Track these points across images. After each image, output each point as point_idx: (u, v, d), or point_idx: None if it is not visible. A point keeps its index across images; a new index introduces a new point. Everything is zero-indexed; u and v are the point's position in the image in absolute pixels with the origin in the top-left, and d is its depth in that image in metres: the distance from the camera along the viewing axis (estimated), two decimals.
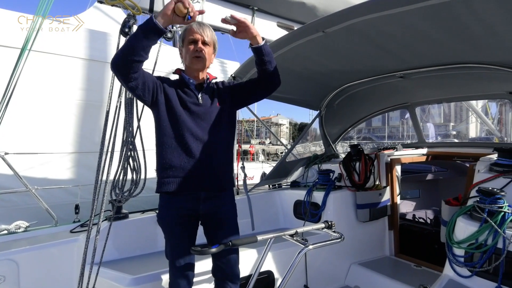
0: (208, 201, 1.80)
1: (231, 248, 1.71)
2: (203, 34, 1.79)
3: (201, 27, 1.80)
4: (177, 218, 1.79)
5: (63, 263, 2.24)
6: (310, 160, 3.75)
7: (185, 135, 1.75)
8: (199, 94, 1.83)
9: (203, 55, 1.79)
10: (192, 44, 1.79)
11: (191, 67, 1.83)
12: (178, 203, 1.78)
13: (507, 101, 3.72)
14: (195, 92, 1.83)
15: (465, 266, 1.79)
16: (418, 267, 2.96)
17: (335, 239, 1.90)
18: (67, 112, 4.37)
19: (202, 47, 1.79)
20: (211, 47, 1.85)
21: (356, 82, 3.15)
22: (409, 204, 4.58)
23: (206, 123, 1.80)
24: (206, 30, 1.81)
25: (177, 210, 1.79)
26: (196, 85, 1.86)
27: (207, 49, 1.82)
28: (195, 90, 1.84)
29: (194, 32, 1.78)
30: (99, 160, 1.87)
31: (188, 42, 1.80)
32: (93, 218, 1.88)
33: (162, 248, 2.58)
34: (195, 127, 1.77)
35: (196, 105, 1.81)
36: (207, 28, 1.83)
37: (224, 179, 1.87)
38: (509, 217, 1.72)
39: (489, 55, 2.23)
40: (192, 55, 1.79)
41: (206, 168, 1.76)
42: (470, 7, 1.64)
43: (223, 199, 1.87)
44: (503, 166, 2.11)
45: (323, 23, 2.10)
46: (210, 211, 1.82)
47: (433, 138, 8.83)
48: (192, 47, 1.78)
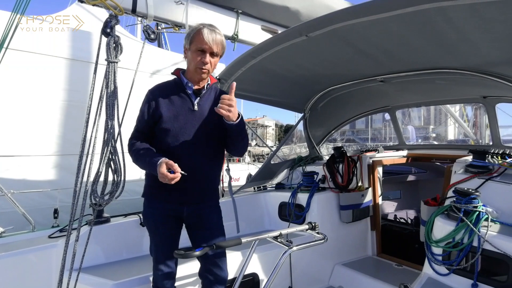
0: (192, 205, 1.80)
1: (218, 250, 1.71)
2: (213, 45, 1.69)
3: (211, 35, 1.68)
4: (161, 218, 1.80)
5: (41, 270, 2.17)
6: (295, 162, 3.78)
7: (172, 146, 1.72)
8: (196, 100, 1.78)
9: (209, 68, 1.73)
10: (199, 54, 1.70)
11: (194, 74, 1.77)
12: (163, 204, 1.79)
13: (481, 105, 3.88)
14: (191, 98, 1.78)
15: (443, 264, 1.84)
16: (399, 266, 3.03)
17: (319, 240, 1.92)
18: (46, 112, 4.25)
19: (210, 59, 1.71)
20: (218, 57, 1.78)
21: (339, 85, 3.20)
22: (391, 204, 4.69)
23: (198, 132, 1.75)
24: (217, 39, 1.71)
25: (162, 211, 1.79)
26: (195, 90, 1.80)
27: (214, 60, 1.75)
28: (192, 95, 1.78)
29: (204, 41, 1.68)
30: (79, 163, 1.82)
31: (196, 49, 1.71)
32: (73, 222, 1.83)
33: (146, 252, 2.55)
34: (184, 138, 1.73)
35: (190, 112, 1.75)
36: (218, 36, 1.72)
37: (208, 191, 1.86)
38: (483, 216, 1.79)
39: (463, 61, 2.31)
40: (197, 65, 1.72)
41: (190, 182, 1.73)
42: (445, 15, 1.71)
43: (207, 202, 1.86)
44: (477, 167, 2.20)
45: (306, 28, 2.14)
46: (194, 214, 1.82)
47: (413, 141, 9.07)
48: (199, 58, 1.70)
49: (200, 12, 3.03)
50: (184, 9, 2.86)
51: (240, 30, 3.28)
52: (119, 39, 1.94)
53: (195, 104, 1.77)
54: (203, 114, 1.78)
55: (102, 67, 1.87)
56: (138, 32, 8.04)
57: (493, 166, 2.18)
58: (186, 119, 1.75)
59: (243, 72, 2.93)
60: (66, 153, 4.27)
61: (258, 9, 3.36)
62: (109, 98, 1.86)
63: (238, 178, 8.54)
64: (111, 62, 1.88)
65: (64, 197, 3.39)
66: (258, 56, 2.61)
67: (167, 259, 1.81)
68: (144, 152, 1.71)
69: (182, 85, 1.79)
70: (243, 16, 3.32)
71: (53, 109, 4.27)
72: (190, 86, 1.79)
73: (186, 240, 1.90)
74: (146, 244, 2.57)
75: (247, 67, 2.83)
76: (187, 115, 1.75)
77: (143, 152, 1.71)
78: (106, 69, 1.87)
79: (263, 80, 3.16)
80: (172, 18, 2.86)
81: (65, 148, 4.30)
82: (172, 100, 1.76)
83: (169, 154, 1.68)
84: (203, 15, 3.05)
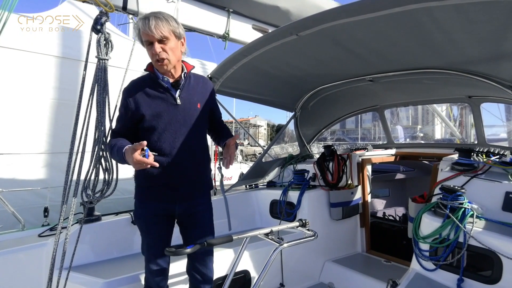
0: (184, 203, 1.80)
1: (205, 249, 1.71)
2: (154, 32, 1.55)
3: (148, 24, 1.55)
4: (153, 217, 1.78)
5: (31, 269, 2.14)
6: (286, 161, 3.81)
7: (159, 144, 1.68)
8: (177, 93, 1.71)
9: (166, 56, 1.61)
10: (149, 48, 1.61)
11: (160, 69, 1.68)
12: (154, 203, 1.78)
13: (467, 104, 3.97)
14: (171, 92, 1.70)
15: (430, 260, 1.87)
16: (388, 263, 3.09)
17: (309, 237, 1.94)
18: (37, 110, 4.19)
19: (160, 47, 1.59)
20: (171, 39, 1.62)
21: (328, 85, 3.24)
22: (380, 202, 4.76)
23: (184, 127, 1.71)
24: (158, 24, 1.55)
25: (153, 210, 1.78)
26: (173, 83, 1.72)
27: (168, 45, 1.61)
28: (171, 89, 1.70)
29: (145, 33, 1.57)
30: (68, 160, 1.80)
31: (145, 44, 1.62)
32: (63, 221, 1.81)
33: (137, 250, 2.54)
34: (170, 135, 1.69)
35: (174, 107, 1.68)
36: (156, 21, 1.56)
37: (199, 187, 1.85)
38: (469, 212, 1.83)
39: (449, 60, 2.36)
40: (153, 59, 1.63)
41: (180, 178, 1.72)
42: (431, 16, 1.75)
43: (199, 200, 1.86)
44: (463, 165, 2.25)
45: (296, 27, 2.16)
46: (185, 211, 1.81)
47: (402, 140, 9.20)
48: (150, 51, 1.60)
49: (191, 10, 3.03)
50: (175, 7, 2.85)
51: (231, 29, 3.29)
52: (109, 36, 1.93)
53: (177, 98, 1.70)
54: (186, 107, 1.72)
55: (94, 65, 1.85)
56: (131, 31, 7.94)
57: (478, 164, 2.23)
58: (170, 115, 1.68)
59: (234, 71, 2.93)
60: (57, 151, 4.21)
61: (249, 8, 3.37)
62: (99, 95, 1.84)
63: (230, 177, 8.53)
64: (102, 59, 1.87)
65: (54, 195, 3.35)
66: (249, 55, 2.62)
67: (159, 259, 1.79)
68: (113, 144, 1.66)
69: (158, 81, 1.69)
70: (234, 15, 3.32)
71: (43, 107, 4.21)
72: (166, 80, 1.69)
73: (178, 238, 1.90)
74: (137, 242, 2.56)
75: (239, 66, 2.84)
76: (171, 111, 1.69)
77: (113, 144, 1.66)
78: (96, 66, 1.86)
79: (254, 79, 3.18)
80: None
81: (56, 147, 4.23)
82: (152, 97, 1.67)
83: (156, 151, 1.64)
84: (194, 13, 3.04)
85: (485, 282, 1.69)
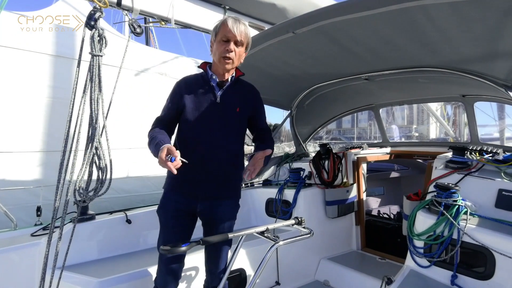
0: (205, 201, 1.78)
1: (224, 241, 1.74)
2: (237, 33, 1.70)
3: (235, 25, 1.70)
4: (174, 211, 1.78)
5: (24, 268, 2.11)
6: (282, 159, 3.81)
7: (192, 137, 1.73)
8: (219, 92, 1.77)
9: (233, 57, 1.72)
10: (223, 43, 1.71)
11: (218, 66, 1.77)
12: (176, 197, 1.78)
13: (461, 103, 4.01)
14: (214, 90, 1.77)
15: (425, 257, 1.89)
16: (382, 260, 3.11)
17: (305, 235, 1.94)
18: (30, 109, 4.12)
19: (234, 47, 1.71)
20: (243, 47, 1.77)
21: (324, 83, 3.24)
22: (375, 200, 4.80)
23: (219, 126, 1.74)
24: (241, 28, 1.72)
25: (174, 203, 1.78)
26: (219, 83, 1.79)
27: (239, 50, 1.74)
28: (215, 88, 1.78)
29: (228, 30, 1.69)
30: (61, 158, 1.78)
31: (221, 39, 1.71)
32: (55, 220, 1.79)
33: (132, 249, 2.53)
34: (204, 130, 1.73)
35: (213, 105, 1.75)
36: (242, 26, 1.73)
37: (226, 188, 1.81)
38: (462, 209, 1.85)
39: (443, 59, 2.38)
40: (221, 54, 1.71)
41: (204, 174, 1.73)
42: (426, 14, 1.76)
43: (222, 201, 1.82)
44: (457, 163, 2.28)
45: (293, 24, 2.16)
46: (206, 210, 1.80)
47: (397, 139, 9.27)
48: (224, 46, 1.70)
49: (187, 7, 3.01)
50: (170, 3, 2.83)
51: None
52: (103, 32, 1.90)
53: (218, 97, 1.77)
54: (225, 107, 1.77)
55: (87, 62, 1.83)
56: (126, 30, 7.87)
57: (471, 162, 2.26)
58: (208, 111, 1.74)
59: None
60: (51, 150, 4.15)
61: (245, 6, 3.36)
62: (93, 92, 1.82)
63: None
64: (95, 56, 1.85)
65: (48, 194, 3.30)
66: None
67: (171, 258, 1.76)
68: (155, 135, 1.66)
69: (207, 78, 1.80)
70: (231, 12, 3.31)
71: (38, 105, 4.15)
72: (214, 78, 1.79)
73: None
74: (132, 241, 2.55)
75: None
76: (210, 107, 1.75)
77: (155, 135, 1.66)
78: (90, 63, 1.83)
79: (249, 77, 3.13)
80: (158, 13, 2.83)
81: (49, 145, 4.18)
82: (196, 92, 1.77)
83: (188, 144, 1.71)
84: (190, 10, 3.02)
85: (478, 278, 1.71)
